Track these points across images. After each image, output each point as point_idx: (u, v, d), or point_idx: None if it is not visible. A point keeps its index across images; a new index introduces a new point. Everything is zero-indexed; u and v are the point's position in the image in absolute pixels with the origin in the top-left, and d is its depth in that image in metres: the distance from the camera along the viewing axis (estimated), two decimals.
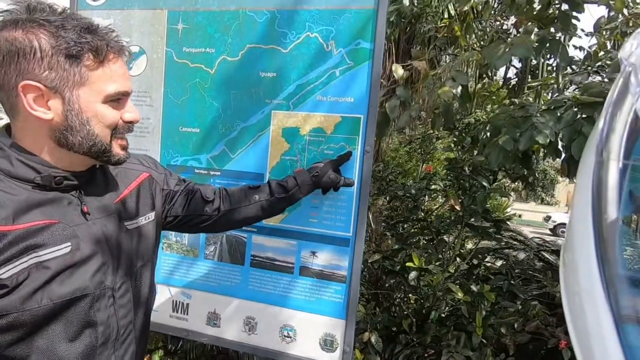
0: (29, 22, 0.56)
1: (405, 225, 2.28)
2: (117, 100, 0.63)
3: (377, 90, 1.07)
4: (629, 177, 0.44)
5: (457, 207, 1.70)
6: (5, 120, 0.63)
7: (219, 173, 1.19)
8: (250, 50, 1.14)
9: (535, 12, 1.45)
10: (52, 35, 0.56)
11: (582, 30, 2.19)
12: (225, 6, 1.15)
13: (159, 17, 1.21)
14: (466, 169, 1.64)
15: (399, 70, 1.48)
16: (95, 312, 0.64)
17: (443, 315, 1.77)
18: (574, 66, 1.97)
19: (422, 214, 2.10)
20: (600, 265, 0.41)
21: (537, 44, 1.34)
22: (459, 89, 1.42)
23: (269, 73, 1.13)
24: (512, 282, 1.76)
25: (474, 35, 2.38)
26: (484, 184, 1.52)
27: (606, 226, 0.42)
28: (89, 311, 0.63)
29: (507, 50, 1.32)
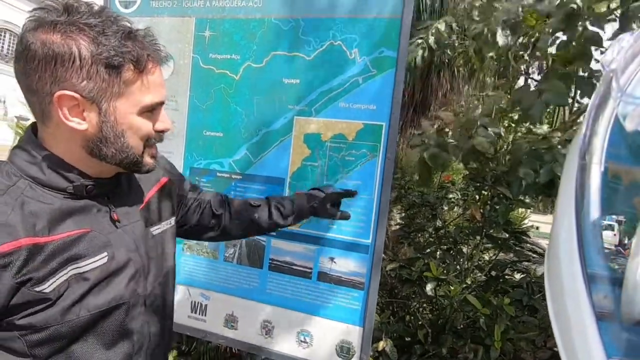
0: (68, 25, 0.52)
1: (422, 234, 2.26)
2: (151, 110, 0.61)
3: (400, 98, 1.07)
4: (606, 181, 0.45)
5: (478, 217, 1.67)
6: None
7: (241, 177, 1.21)
8: (275, 57, 1.16)
9: (556, 53, 1.41)
10: (92, 42, 0.52)
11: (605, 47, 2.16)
12: (252, 14, 1.18)
13: (187, 24, 1.25)
14: (488, 179, 1.62)
15: (425, 123, 1.50)
16: (130, 320, 0.64)
17: (460, 327, 1.74)
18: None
19: (441, 223, 2.07)
20: (583, 265, 0.42)
21: (566, 87, 1.29)
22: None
23: (292, 80, 1.15)
24: (533, 295, 1.72)
25: (491, 64, 2.35)
26: (507, 194, 1.50)
27: (589, 228, 0.43)
28: (124, 320, 0.63)
29: (540, 98, 1.26)
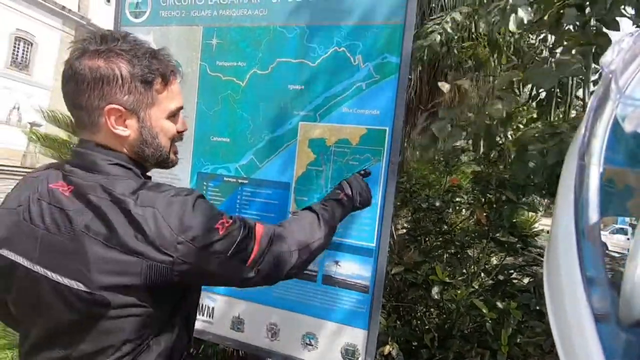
0: (108, 52, 0.64)
1: (428, 238, 2.26)
2: (174, 115, 0.73)
3: (403, 103, 1.08)
4: (605, 183, 0.45)
5: (483, 221, 1.67)
6: None
7: (247, 181, 1.23)
8: (280, 64, 1.18)
9: (572, 34, 1.40)
10: (129, 63, 0.65)
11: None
12: (257, 22, 1.20)
13: (195, 33, 1.28)
14: (492, 182, 1.62)
15: (445, 86, 1.50)
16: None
17: (467, 332, 1.73)
18: None
19: (447, 227, 2.07)
20: (582, 267, 0.42)
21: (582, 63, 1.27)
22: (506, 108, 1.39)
23: (297, 86, 1.17)
24: (540, 300, 1.70)
25: (503, 55, 2.34)
26: (512, 198, 1.50)
27: (587, 229, 0.43)
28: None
29: (554, 70, 1.25)
